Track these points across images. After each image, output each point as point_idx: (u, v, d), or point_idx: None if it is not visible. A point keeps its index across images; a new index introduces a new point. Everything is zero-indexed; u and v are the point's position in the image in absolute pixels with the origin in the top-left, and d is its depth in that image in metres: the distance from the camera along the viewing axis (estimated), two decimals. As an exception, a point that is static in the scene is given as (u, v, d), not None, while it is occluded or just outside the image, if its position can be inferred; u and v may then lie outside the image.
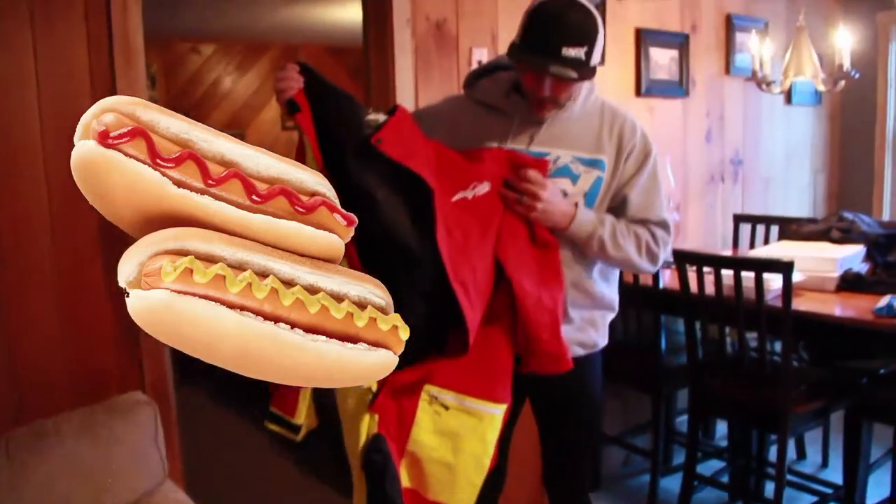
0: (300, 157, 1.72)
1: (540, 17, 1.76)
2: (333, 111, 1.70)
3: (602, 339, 2.06)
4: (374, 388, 1.70)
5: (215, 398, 4.80)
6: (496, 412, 1.79)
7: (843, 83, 3.28)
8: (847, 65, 3.22)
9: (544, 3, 1.76)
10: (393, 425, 1.71)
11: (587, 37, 1.73)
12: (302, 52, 6.40)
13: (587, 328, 2.00)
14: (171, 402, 2.61)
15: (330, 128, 1.69)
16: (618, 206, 1.95)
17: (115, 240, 2.43)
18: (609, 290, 2.05)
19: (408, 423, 1.73)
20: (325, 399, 1.84)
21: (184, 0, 4.55)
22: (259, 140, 6.30)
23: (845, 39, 3.25)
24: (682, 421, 3.73)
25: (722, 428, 3.79)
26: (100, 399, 2.25)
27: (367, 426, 1.70)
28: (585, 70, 1.75)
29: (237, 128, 6.20)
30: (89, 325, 2.42)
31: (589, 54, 1.75)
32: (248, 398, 4.51)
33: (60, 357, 2.37)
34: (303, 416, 1.79)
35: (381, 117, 1.75)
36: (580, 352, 1.99)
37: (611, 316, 2.08)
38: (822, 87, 3.38)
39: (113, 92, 2.40)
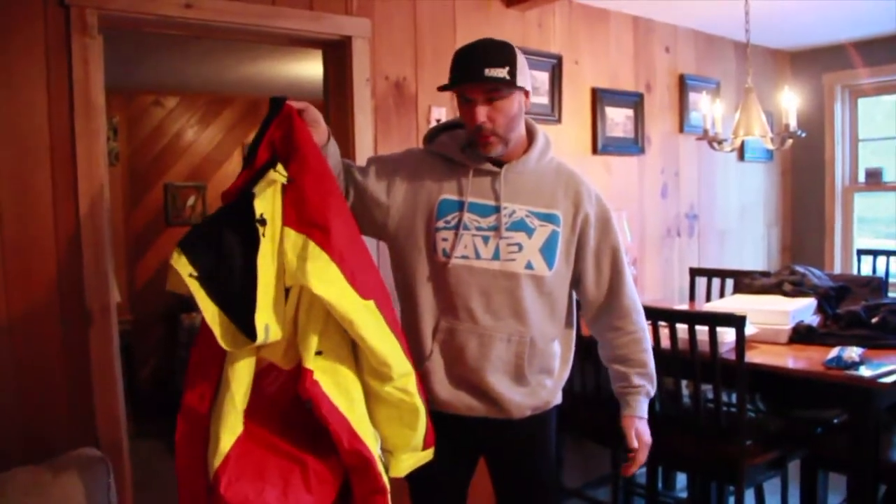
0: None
1: (461, 53, 1.90)
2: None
3: (555, 399, 2.08)
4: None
5: (171, 452, 4.68)
6: None
7: (790, 142, 3.40)
8: (793, 124, 3.33)
9: (464, 45, 1.91)
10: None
11: (507, 59, 1.84)
12: (263, 106, 6.43)
13: (540, 391, 2.01)
14: (124, 456, 2.55)
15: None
16: (595, 272, 2.04)
17: (72, 292, 2.41)
18: (567, 352, 2.09)
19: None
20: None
21: (146, 54, 4.58)
22: (220, 192, 6.27)
23: (791, 100, 3.37)
24: (641, 473, 3.72)
25: (683, 479, 3.80)
26: (52, 455, 2.19)
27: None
28: (512, 85, 1.85)
29: (199, 180, 6.19)
30: (42, 378, 2.39)
31: (513, 74, 1.84)
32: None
33: (12, 411, 2.32)
34: None
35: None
36: (531, 413, 2.01)
37: (566, 375, 2.11)
38: (770, 146, 3.48)
39: (72, 146, 2.41)
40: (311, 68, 4.86)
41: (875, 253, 4.64)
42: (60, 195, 2.40)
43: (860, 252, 4.81)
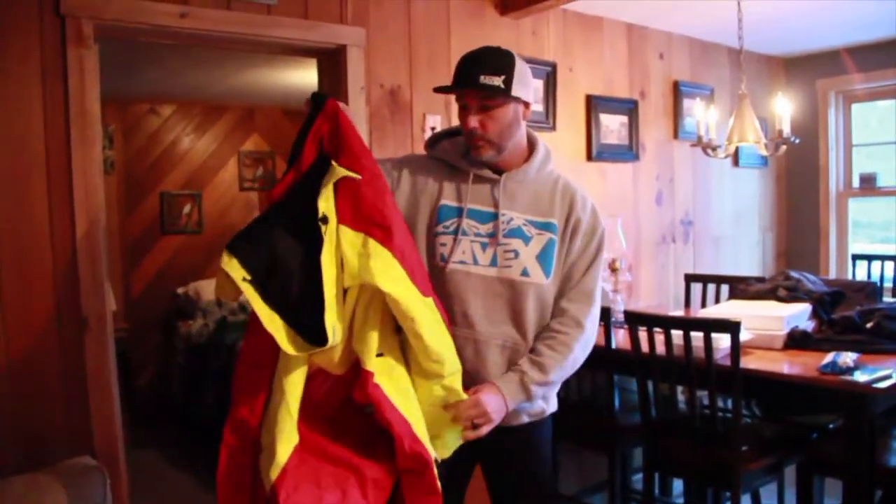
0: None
1: (463, 58, 1.94)
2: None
3: (550, 407, 2.08)
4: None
5: (168, 461, 4.69)
6: None
7: (784, 148, 3.41)
8: (787, 130, 3.35)
9: (467, 52, 1.95)
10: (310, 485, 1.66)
11: (505, 68, 1.88)
12: (258, 114, 6.46)
13: (536, 399, 2.00)
14: (121, 466, 2.55)
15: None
16: (564, 279, 2.00)
17: (67, 300, 2.41)
18: None
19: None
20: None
21: (142, 63, 4.58)
22: (216, 200, 6.29)
23: (785, 106, 3.38)
24: (638, 479, 3.74)
25: (679, 485, 3.80)
26: (48, 463, 2.19)
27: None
28: (506, 94, 1.88)
29: (194, 188, 6.19)
30: (38, 386, 2.38)
31: (508, 83, 1.87)
32: (201, 462, 4.43)
33: (8, 419, 2.32)
34: None
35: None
36: (527, 420, 2.01)
37: (559, 384, 2.10)
38: (764, 152, 3.50)
39: (68, 154, 2.41)
40: (306, 76, 4.86)
41: (870, 258, 4.66)
42: (56, 203, 2.40)
43: (855, 257, 4.83)
